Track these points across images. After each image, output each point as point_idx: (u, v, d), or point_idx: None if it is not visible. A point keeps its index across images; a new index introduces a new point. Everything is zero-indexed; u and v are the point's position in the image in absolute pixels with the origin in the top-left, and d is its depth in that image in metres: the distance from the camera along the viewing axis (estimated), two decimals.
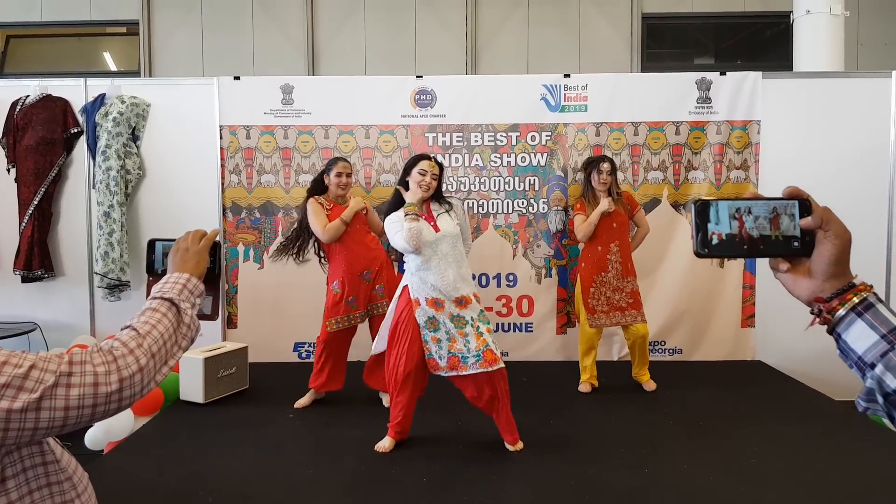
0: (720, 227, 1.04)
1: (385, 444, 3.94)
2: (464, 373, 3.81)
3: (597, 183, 4.88)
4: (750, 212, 1.05)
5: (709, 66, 8.37)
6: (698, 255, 1.06)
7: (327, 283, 4.72)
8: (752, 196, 1.06)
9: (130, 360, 1.29)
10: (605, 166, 4.86)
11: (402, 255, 3.92)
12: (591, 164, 4.95)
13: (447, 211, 3.95)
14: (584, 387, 4.98)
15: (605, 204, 4.81)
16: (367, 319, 4.68)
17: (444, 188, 4.11)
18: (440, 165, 3.98)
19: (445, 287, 3.82)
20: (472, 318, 3.86)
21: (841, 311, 1.01)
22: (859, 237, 3.85)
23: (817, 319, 1.04)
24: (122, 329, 1.38)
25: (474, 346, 3.80)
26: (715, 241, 1.04)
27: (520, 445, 3.95)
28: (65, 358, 1.22)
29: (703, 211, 1.05)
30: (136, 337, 1.34)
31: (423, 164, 3.89)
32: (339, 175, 4.65)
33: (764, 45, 8.38)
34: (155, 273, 1.69)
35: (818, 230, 1.04)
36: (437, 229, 3.86)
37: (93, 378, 1.22)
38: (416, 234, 3.71)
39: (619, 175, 5.54)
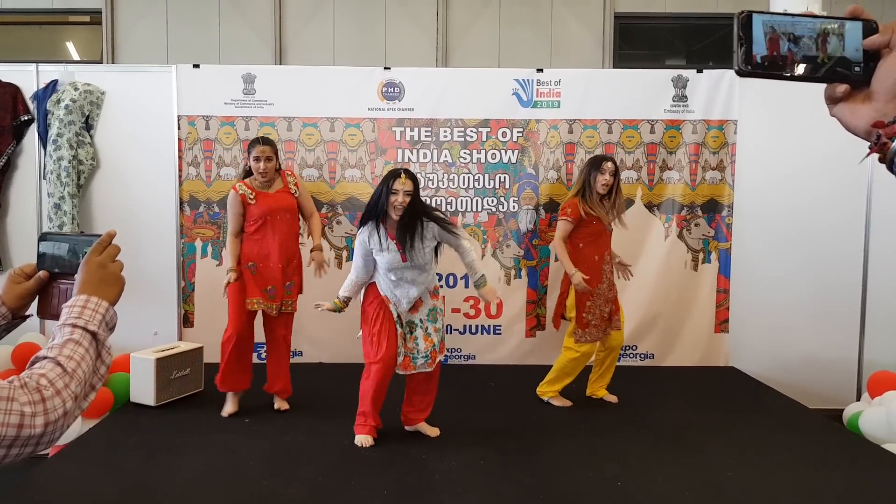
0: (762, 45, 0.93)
1: (367, 440, 3.92)
2: (412, 372, 3.93)
3: (598, 185, 4.47)
4: (797, 30, 0.92)
5: (680, 66, 8.27)
6: (739, 73, 0.94)
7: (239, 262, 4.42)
8: (808, 14, 0.94)
9: (58, 402, 1.13)
10: (609, 165, 4.49)
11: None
12: (592, 164, 4.57)
13: (421, 239, 3.84)
14: (560, 401, 4.73)
15: (577, 280, 4.43)
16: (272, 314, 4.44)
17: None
18: (413, 179, 3.82)
19: (406, 302, 3.93)
20: (420, 320, 3.97)
21: None
22: (838, 237, 3.74)
23: (874, 150, 0.90)
24: (40, 358, 1.20)
25: (422, 347, 3.93)
26: (759, 59, 0.92)
27: (435, 431, 4.09)
28: None
29: (747, 24, 0.93)
30: (63, 376, 1.16)
31: (395, 184, 3.75)
32: (256, 160, 4.29)
33: None
34: (53, 273, 1.46)
35: (884, 50, 0.90)
36: (403, 259, 3.83)
37: (18, 419, 1.07)
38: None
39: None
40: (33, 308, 1.48)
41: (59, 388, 1.14)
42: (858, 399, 5.37)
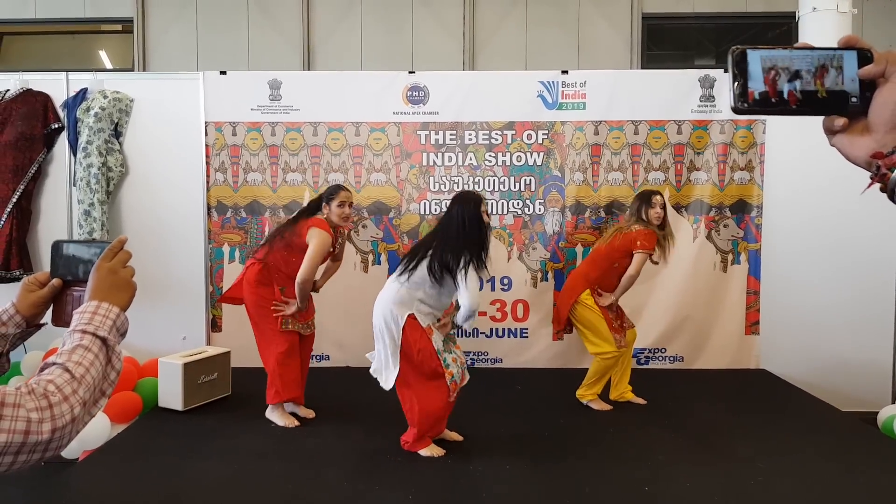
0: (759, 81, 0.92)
1: (438, 449, 3.83)
2: (464, 383, 3.83)
3: (653, 217, 4.53)
4: (794, 64, 0.91)
5: (709, 67, 8.17)
6: (736, 110, 0.92)
7: (270, 283, 4.35)
8: (802, 46, 0.92)
9: (65, 408, 1.12)
10: (659, 199, 4.56)
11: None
12: (643, 198, 4.61)
13: None
14: (599, 404, 4.69)
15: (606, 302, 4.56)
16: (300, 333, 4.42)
17: (437, 187, 3.95)
18: None
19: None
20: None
21: None
22: (871, 237, 3.64)
23: (875, 181, 0.90)
24: (49, 364, 1.19)
25: (461, 354, 3.87)
26: (756, 95, 0.91)
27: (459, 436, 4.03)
28: None
29: (741, 60, 0.91)
30: (71, 381, 1.16)
31: (484, 206, 3.84)
32: (341, 205, 4.23)
33: None
34: (66, 281, 1.47)
35: (880, 79, 0.89)
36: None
37: (24, 425, 1.06)
38: None
39: (619, 175, 5.44)
40: (48, 317, 1.49)
41: (66, 393, 1.13)
42: (893, 402, 5.27)
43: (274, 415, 4.37)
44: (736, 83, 0.91)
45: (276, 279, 4.31)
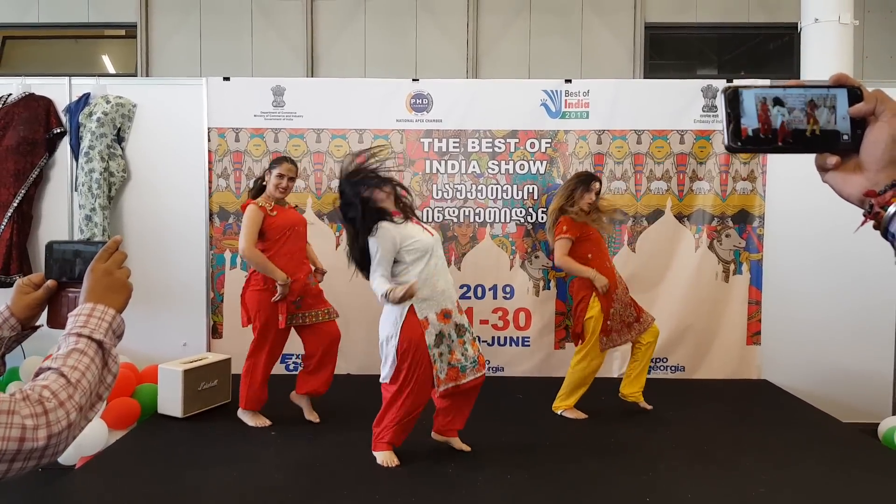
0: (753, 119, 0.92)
1: (392, 458, 3.75)
2: (462, 381, 3.69)
3: (584, 202, 4.53)
4: (785, 102, 0.91)
5: (712, 77, 8.19)
6: (730, 149, 0.93)
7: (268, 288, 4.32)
8: (793, 84, 0.92)
9: (61, 413, 1.10)
10: (597, 186, 4.58)
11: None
12: (580, 180, 4.60)
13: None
14: (574, 413, 4.67)
15: (601, 282, 4.42)
16: (310, 324, 4.43)
17: (440, 195, 3.92)
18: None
19: (450, 291, 3.74)
20: (467, 324, 3.81)
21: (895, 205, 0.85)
22: (873, 249, 3.56)
23: (868, 219, 0.89)
24: (44, 369, 1.17)
25: (471, 353, 3.74)
26: (750, 133, 0.92)
27: (467, 447, 3.96)
28: None
29: (734, 99, 0.91)
30: (67, 386, 1.14)
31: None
32: (280, 177, 4.32)
33: (768, 57, 8.21)
34: (61, 282, 1.44)
35: (870, 117, 0.89)
36: (431, 233, 3.78)
37: (20, 432, 1.04)
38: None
39: (622, 184, 5.45)
40: (43, 319, 1.46)
41: (62, 399, 1.11)
42: (894, 413, 5.25)
43: (245, 415, 4.47)
44: (729, 122, 0.91)
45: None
